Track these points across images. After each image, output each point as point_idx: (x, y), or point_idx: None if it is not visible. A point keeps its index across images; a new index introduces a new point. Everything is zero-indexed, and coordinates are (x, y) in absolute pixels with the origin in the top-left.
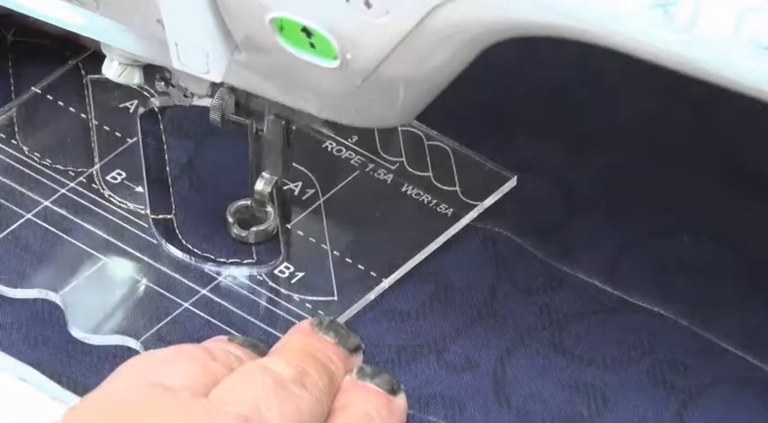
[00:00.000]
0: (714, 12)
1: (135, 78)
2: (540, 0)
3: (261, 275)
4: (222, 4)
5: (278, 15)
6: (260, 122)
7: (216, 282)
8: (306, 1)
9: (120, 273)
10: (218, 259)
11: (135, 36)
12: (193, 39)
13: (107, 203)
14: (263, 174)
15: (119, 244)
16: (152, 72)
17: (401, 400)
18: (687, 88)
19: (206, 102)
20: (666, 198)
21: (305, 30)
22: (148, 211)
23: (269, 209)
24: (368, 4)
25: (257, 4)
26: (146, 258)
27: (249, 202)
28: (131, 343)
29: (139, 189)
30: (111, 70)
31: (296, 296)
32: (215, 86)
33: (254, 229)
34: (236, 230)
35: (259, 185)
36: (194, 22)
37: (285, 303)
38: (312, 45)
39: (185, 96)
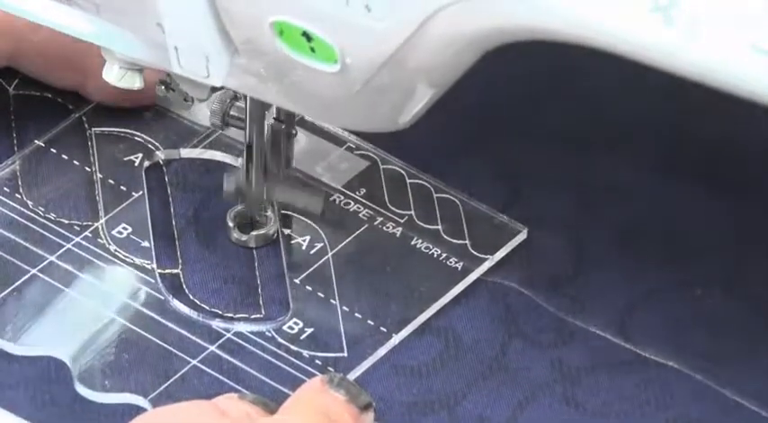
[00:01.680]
0: (714, 16)
1: (136, 82)
2: (540, 4)
3: (270, 332)
4: (222, 7)
5: (278, 19)
6: (260, 126)
7: (224, 338)
8: (306, 5)
9: (127, 329)
10: (226, 314)
11: (135, 40)
12: (193, 42)
13: (113, 258)
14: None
15: (126, 300)
16: None
17: None
18: (698, 140)
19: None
20: (678, 250)
21: (305, 34)
22: (155, 266)
23: (269, 213)
24: (368, 8)
25: (257, 8)
26: (153, 315)
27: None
28: (140, 401)
29: (146, 244)
30: (112, 75)
31: (305, 353)
32: (215, 91)
33: (254, 233)
34: (236, 235)
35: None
36: (194, 25)
37: (294, 360)
38: (312, 49)
39: (185, 100)
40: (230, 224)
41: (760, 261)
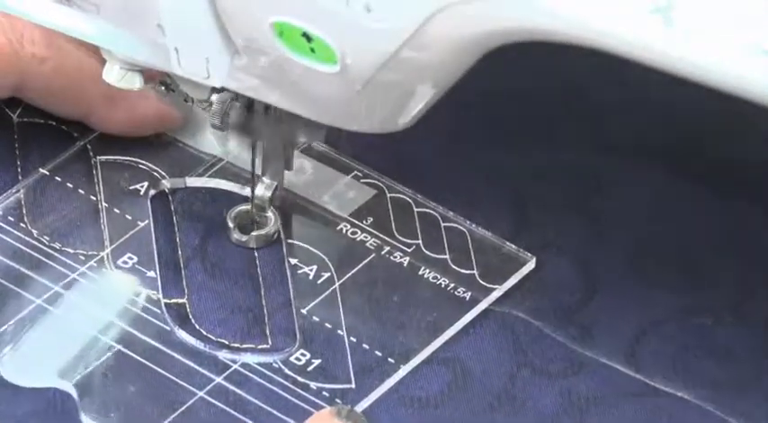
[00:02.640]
0: (714, 17)
1: (136, 83)
2: (540, 5)
3: (277, 363)
4: (222, 8)
5: (278, 20)
6: (260, 128)
7: (231, 369)
8: (306, 5)
9: (132, 360)
10: (233, 345)
11: (135, 40)
12: (194, 43)
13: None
14: (264, 179)
15: (131, 330)
16: None
17: None
18: (709, 164)
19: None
20: (688, 277)
21: (305, 34)
22: (161, 296)
23: (269, 214)
24: (368, 9)
25: (257, 9)
26: (159, 345)
27: (249, 207)
28: None
29: (151, 273)
30: (112, 75)
31: (313, 384)
32: (215, 91)
33: (254, 233)
34: (236, 235)
35: (259, 190)
36: (194, 26)
37: (302, 392)
38: (312, 50)
39: (185, 101)
40: (230, 225)
41: None
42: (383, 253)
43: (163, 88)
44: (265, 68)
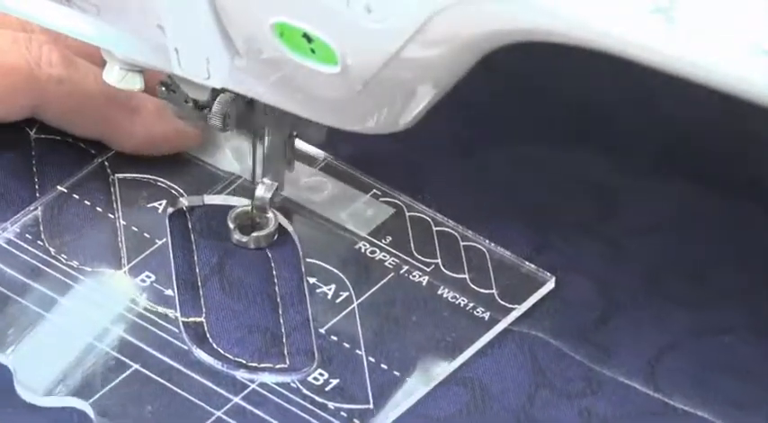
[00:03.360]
0: (715, 17)
1: (136, 84)
2: (541, 6)
3: (295, 382)
4: (223, 9)
5: (278, 20)
6: (261, 128)
7: (248, 389)
8: (306, 6)
9: (150, 380)
10: (251, 364)
11: (135, 41)
12: (194, 44)
13: (136, 308)
14: (264, 179)
15: (148, 350)
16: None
17: None
18: (720, 184)
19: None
20: (707, 295)
21: (305, 35)
22: (178, 315)
23: (269, 214)
24: (368, 10)
25: (258, 10)
26: (176, 365)
27: (250, 208)
28: None
29: (169, 292)
30: (113, 76)
31: (331, 404)
32: (216, 92)
33: (254, 234)
34: (236, 236)
35: (260, 191)
36: (195, 27)
37: (320, 412)
38: (313, 50)
39: (186, 102)
40: (231, 225)
41: None
42: (402, 272)
43: (163, 89)
44: (266, 69)
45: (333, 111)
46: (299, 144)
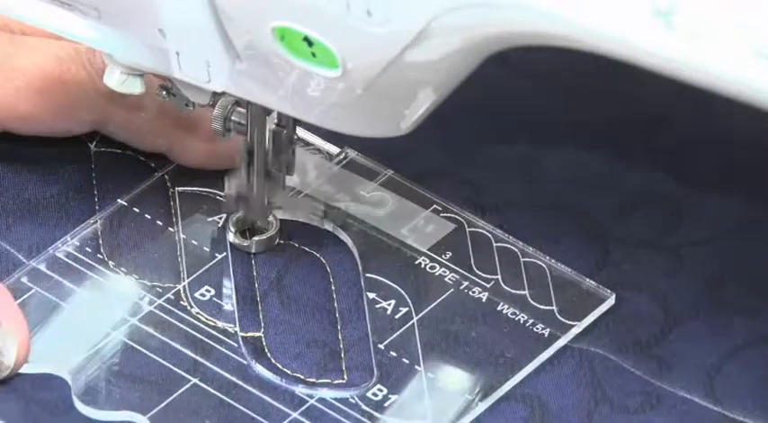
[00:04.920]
0: (715, 21)
1: (137, 88)
2: (541, 9)
3: (353, 398)
4: (223, 13)
5: (279, 24)
6: (261, 132)
7: (307, 405)
8: (307, 10)
9: (208, 394)
10: (309, 380)
11: (136, 45)
12: (195, 48)
13: (195, 321)
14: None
15: (207, 364)
16: None
17: None
18: None
19: None
20: (764, 304)
21: (306, 39)
22: (237, 330)
23: (270, 219)
24: (369, 13)
25: (258, 13)
26: (235, 379)
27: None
28: None
29: (228, 307)
30: (113, 80)
31: (390, 420)
32: (216, 96)
33: (255, 238)
34: (237, 240)
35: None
36: (196, 31)
37: None
38: (313, 54)
39: (186, 106)
40: (231, 229)
41: None
42: (462, 288)
43: (164, 93)
44: (266, 73)
45: (333, 114)
46: (360, 158)
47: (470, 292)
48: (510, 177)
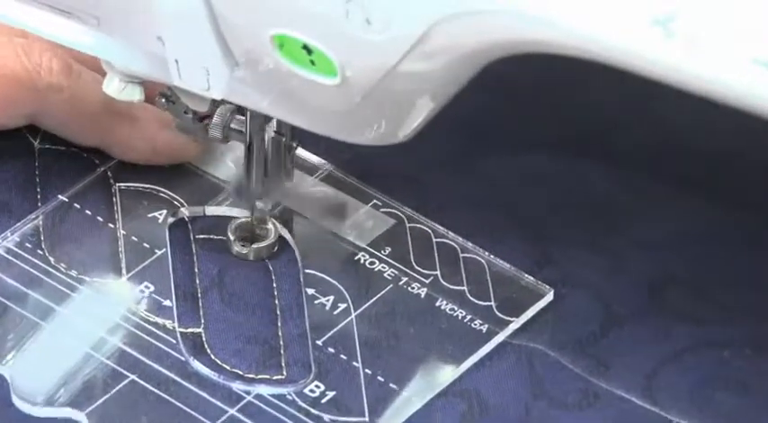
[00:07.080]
0: (714, 29)
1: (136, 95)
2: (540, 17)
3: (290, 394)
4: (223, 20)
5: (278, 32)
6: (260, 140)
7: (244, 401)
8: (306, 18)
9: (146, 391)
10: (247, 376)
11: (135, 53)
12: (194, 56)
13: (134, 317)
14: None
15: (145, 361)
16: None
17: None
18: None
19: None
20: (707, 309)
21: (305, 47)
22: (176, 326)
23: (269, 226)
24: (368, 22)
25: (258, 21)
26: (173, 376)
27: (250, 219)
28: None
29: (167, 303)
30: (112, 87)
31: (326, 417)
32: (215, 103)
33: (254, 245)
34: (236, 248)
35: (260, 203)
36: (195, 38)
37: None
38: (312, 62)
39: (185, 113)
40: (231, 237)
41: None
42: (401, 284)
43: (163, 100)
44: (265, 80)
45: (332, 122)
46: (300, 152)
47: (410, 288)
48: (451, 174)
